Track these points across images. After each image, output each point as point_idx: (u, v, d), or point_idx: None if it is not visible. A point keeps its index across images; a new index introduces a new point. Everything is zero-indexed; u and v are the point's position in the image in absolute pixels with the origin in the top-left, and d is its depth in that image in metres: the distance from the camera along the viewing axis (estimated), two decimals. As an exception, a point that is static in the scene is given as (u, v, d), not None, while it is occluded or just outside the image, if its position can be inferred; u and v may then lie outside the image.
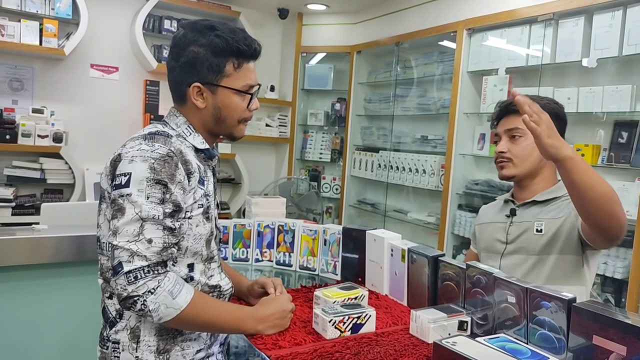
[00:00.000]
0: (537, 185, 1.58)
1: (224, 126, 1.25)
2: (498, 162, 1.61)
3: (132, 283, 1.01)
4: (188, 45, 1.18)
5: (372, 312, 1.26)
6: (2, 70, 3.43)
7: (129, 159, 1.08)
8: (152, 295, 1.01)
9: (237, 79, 1.21)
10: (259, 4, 4.19)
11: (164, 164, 1.08)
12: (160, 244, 1.05)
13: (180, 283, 1.07)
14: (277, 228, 1.88)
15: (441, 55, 3.43)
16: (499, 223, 1.64)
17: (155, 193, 1.06)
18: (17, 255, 1.86)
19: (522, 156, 1.55)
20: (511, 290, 1.15)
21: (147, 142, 1.11)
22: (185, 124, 1.22)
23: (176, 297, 1.04)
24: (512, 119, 1.56)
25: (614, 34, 2.35)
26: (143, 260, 1.02)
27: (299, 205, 3.91)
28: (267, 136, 4.39)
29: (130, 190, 1.05)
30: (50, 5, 3.34)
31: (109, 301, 1.18)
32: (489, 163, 3.15)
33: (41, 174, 3.42)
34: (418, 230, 3.56)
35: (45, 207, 2.24)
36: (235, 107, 1.22)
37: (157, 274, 1.03)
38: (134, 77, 3.88)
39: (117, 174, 1.09)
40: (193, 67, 1.18)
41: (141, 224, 1.04)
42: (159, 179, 1.07)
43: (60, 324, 1.94)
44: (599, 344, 0.95)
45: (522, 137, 1.55)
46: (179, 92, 1.22)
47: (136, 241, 1.03)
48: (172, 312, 1.04)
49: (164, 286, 1.03)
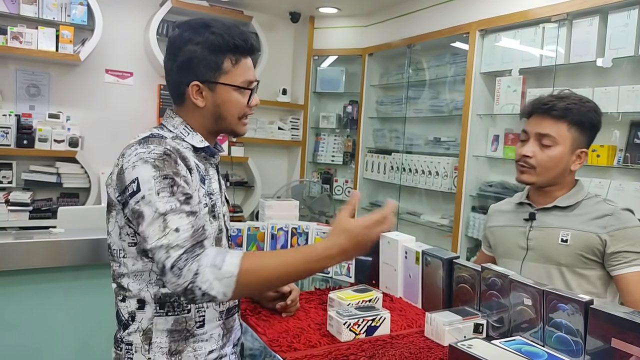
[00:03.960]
0: (557, 192, 1.52)
1: (225, 123, 1.23)
2: (520, 164, 1.51)
3: (178, 275, 0.98)
4: (184, 45, 1.17)
5: (386, 314, 1.26)
6: (20, 77, 3.49)
7: (130, 166, 1.08)
8: (199, 276, 0.98)
9: (236, 75, 1.20)
10: (271, 8, 4.21)
11: (164, 162, 1.08)
12: (190, 229, 1.03)
13: (222, 253, 1.02)
14: (290, 231, 1.89)
15: (454, 56, 3.42)
16: (517, 227, 1.57)
17: (165, 187, 1.05)
18: (35, 258, 1.89)
19: (548, 166, 1.47)
20: (527, 293, 1.14)
21: (142, 145, 1.11)
22: (182, 124, 1.21)
23: (222, 267, 0.99)
24: (548, 123, 1.47)
25: (630, 33, 2.32)
26: (179, 250, 1.00)
27: (312, 207, 3.91)
28: (279, 139, 4.41)
29: (143, 193, 1.05)
30: (67, 12, 3.39)
31: (122, 304, 1.18)
32: (502, 165, 3.12)
33: (57, 178, 3.47)
34: (431, 232, 3.54)
35: (62, 210, 2.27)
36: (235, 103, 1.21)
37: (195, 255, 1.00)
38: (148, 82, 3.92)
39: (125, 185, 1.08)
40: (190, 66, 1.17)
41: (163, 219, 1.02)
42: (165, 174, 1.07)
43: (77, 325, 1.96)
44: (618, 347, 0.93)
45: (552, 147, 1.46)
46: (178, 92, 1.21)
47: (165, 235, 1.01)
48: (228, 282, 0.99)
49: (204, 263, 0.99)
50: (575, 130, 1.46)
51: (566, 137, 1.46)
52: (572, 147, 1.47)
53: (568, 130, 1.45)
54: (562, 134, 1.45)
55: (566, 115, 1.45)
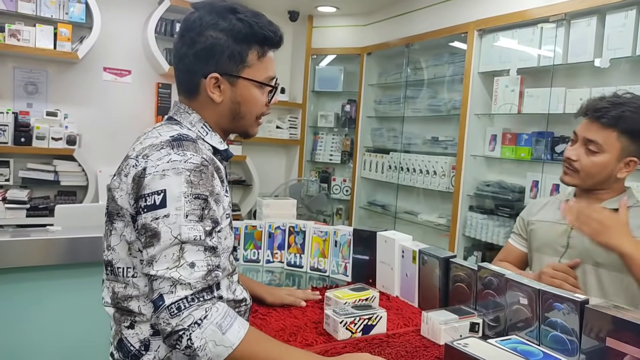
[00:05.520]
0: (604, 195, 1.48)
1: (242, 123, 1.10)
2: (564, 165, 1.50)
3: (175, 315, 0.87)
4: (205, 30, 1.02)
5: (383, 313, 1.26)
6: (18, 74, 3.48)
7: (159, 173, 0.93)
8: (198, 328, 0.87)
9: (259, 70, 1.07)
10: (269, 6, 4.21)
11: (200, 176, 0.94)
12: (205, 268, 0.91)
13: (231, 315, 0.92)
14: (287, 229, 1.89)
15: (452, 56, 3.42)
16: (559, 224, 1.54)
17: (195, 210, 0.92)
18: (32, 256, 1.89)
19: (591, 172, 1.44)
20: (523, 292, 1.14)
21: (177, 150, 0.95)
22: (200, 122, 1.07)
23: (226, 332, 0.88)
24: (596, 128, 1.42)
25: (627, 33, 2.32)
26: (187, 289, 0.88)
27: (310, 206, 3.92)
28: (277, 138, 4.41)
29: (168, 211, 0.91)
30: (64, 10, 3.38)
31: (130, 331, 1.02)
32: (500, 164, 3.13)
33: (55, 176, 3.47)
34: (429, 231, 3.55)
35: (59, 208, 2.27)
36: (255, 101, 1.08)
37: (203, 301, 0.89)
38: (146, 80, 3.92)
39: (146, 193, 0.93)
40: (211, 55, 1.02)
41: (181, 247, 0.90)
42: (198, 193, 0.93)
43: (74, 323, 1.96)
44: (613, 346, 0.94)
45: (598, 154, 1.42)
46: (191, 83, 1.06)
47: (177, 267, 0.89)
48: (222, 351, 0.88)
49: (211, 317, 0.88)
50: (626, 139, 1.40)
51: (614, 145, 1.40)
52: (621, 155, 1.42)
53: (617, 138, 1.40)
54: (610, 142, 1.40)
55: (617, 124, 1.39)
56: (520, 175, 2.94)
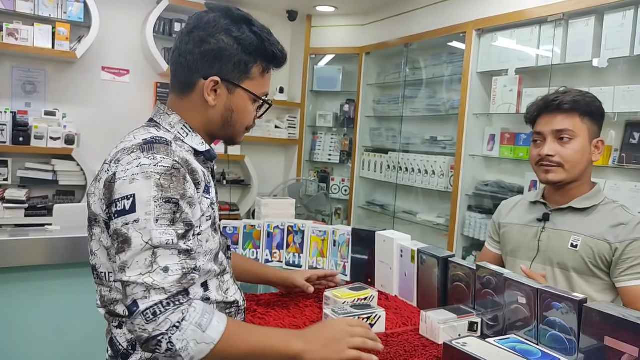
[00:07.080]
0: (575, 190, 1.49)
1: (230, 131, 1.11)
2: (543, 165, 1.48)
3: (151, 321, 0.86)
4: (218, 32, 1.02)
5: (381, 312, 1.26)
6: (16, 74, 3.48)
7: (129, 178, 0.92)
8: (177, 331, 0.86)
9: (259, 85, 1.09)
10: (267, 6, 4.21)
11: (171, 179, 0.93)
12: (180, 271, 0.90)
13: (209, 312, 0.92)
14: (286, 229, 1.89)
15: (450, 56, 3.43)
16: (529, 226, 1.56)
17: (165, 214, 0.91)
18: (31, 256, 1.89)
19: (573, 161, 1.44)
20: (521, 291, 1.14)
21: (146, 154, 0.94)
22: (180, 123, 1.07)
23: (207, 330, 0.89)
24: (561, 118, 1.45)
25: (625, 33, 2.33)
26: (161, 294, 0.87)
27: (308, 206, 3.92)
28: (276, 138, 4.41)
29: (138, 216, 0.90)
30: (63, 9, 3.38)
31: (118, 331, 1.04)
32: (498, 164, 3.13)
33: (53, 175, 3.46)
34: (427, 231, 3.55)
35: (57, 208, 2.27)
36: (248, 113, 1.10)
37: (179, 304, 0.88)
38: (145, 79, 3.91)
39: (116, 198, 0.92)
40: (217, 59, 1.03)
41: (153, 252, 0.89)
42: (169, 196, 0.92)
43: (72, 323, 1.96)
44: (611, 345, 0.94)
45: (573, 140, 1.44)
46: (188, 80, 1.05)
47: (150, 273, 0.88)
48: (204, 348, 0.88)
49: (190, 318, 0.88)
50: (588, 120, 1.46)
51: (582, 128, 1.45)
52: (590, 137, 1.46)
53: (582, 121, 1.45)
54: (578, 126, 1.45)
55: (576, 107, 1.44)
56: (519, 175, 2.95)
